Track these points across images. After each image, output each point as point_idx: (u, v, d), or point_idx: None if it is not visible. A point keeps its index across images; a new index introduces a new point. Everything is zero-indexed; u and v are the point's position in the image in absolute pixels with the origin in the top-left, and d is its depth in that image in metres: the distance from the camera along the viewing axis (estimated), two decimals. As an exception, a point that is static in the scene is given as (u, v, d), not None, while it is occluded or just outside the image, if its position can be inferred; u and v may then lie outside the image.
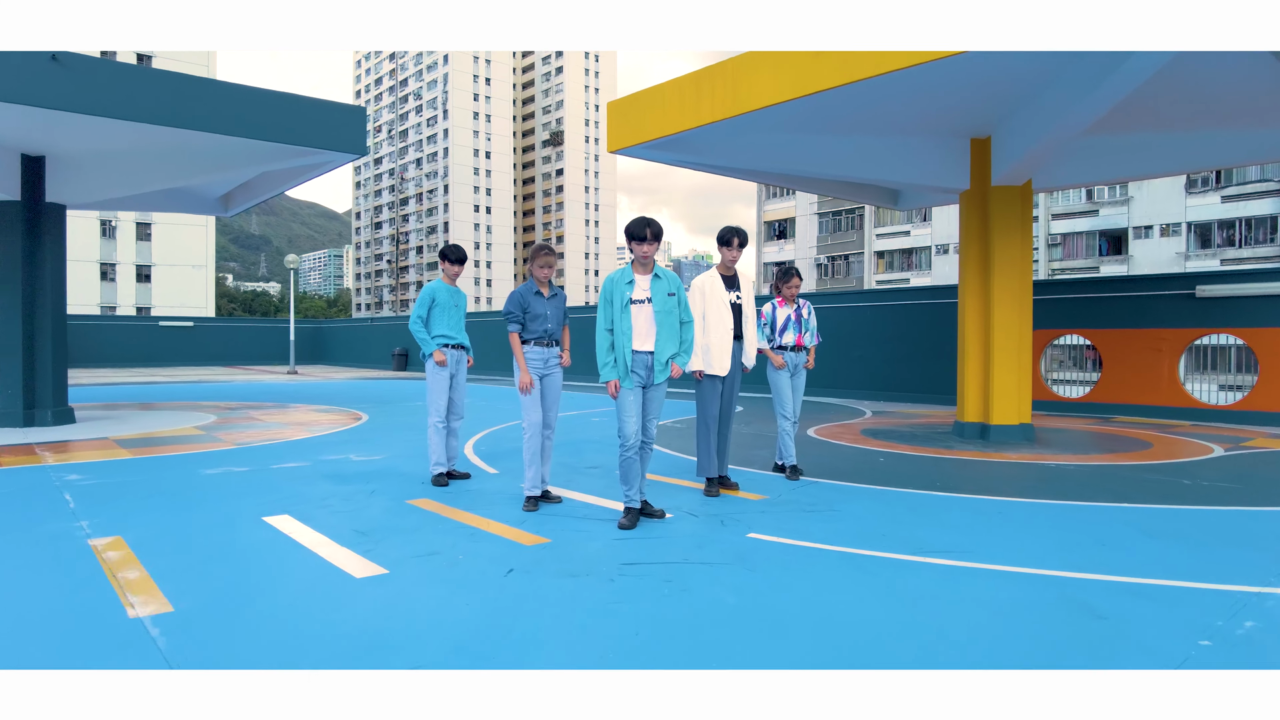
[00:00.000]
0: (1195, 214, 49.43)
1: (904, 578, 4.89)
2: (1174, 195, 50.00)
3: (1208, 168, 13.70)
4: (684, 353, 6.41)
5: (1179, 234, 49.99)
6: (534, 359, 6.93)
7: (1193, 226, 49.77)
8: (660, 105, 11.51)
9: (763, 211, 72.03)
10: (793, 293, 8.50)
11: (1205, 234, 49.56)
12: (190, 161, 13.00)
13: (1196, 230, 49.80)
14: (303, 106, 12.36)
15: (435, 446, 8.06)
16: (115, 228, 62.39)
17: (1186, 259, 49.23)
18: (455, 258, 8.28)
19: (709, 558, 5.32)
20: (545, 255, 7.01)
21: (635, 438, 6.19)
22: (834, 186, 15.43)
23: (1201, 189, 49.13)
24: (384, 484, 8.03)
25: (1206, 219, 49.15)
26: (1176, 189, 49.89)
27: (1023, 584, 4.77)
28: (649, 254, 6.20)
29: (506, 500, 7.21)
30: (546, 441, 7.08)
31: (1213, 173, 48.29)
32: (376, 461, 9.47)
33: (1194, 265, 48.49)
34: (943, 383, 17.82)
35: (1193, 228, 49.80)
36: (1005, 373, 11.74)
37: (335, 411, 15.95)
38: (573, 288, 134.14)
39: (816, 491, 7.63)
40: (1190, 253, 49.45)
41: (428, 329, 8.15)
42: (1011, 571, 5.01)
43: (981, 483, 8.25)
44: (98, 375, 31.47)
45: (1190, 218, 49.59)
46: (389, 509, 6.84)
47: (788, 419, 8.43)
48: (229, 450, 10.44)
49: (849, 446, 10.85)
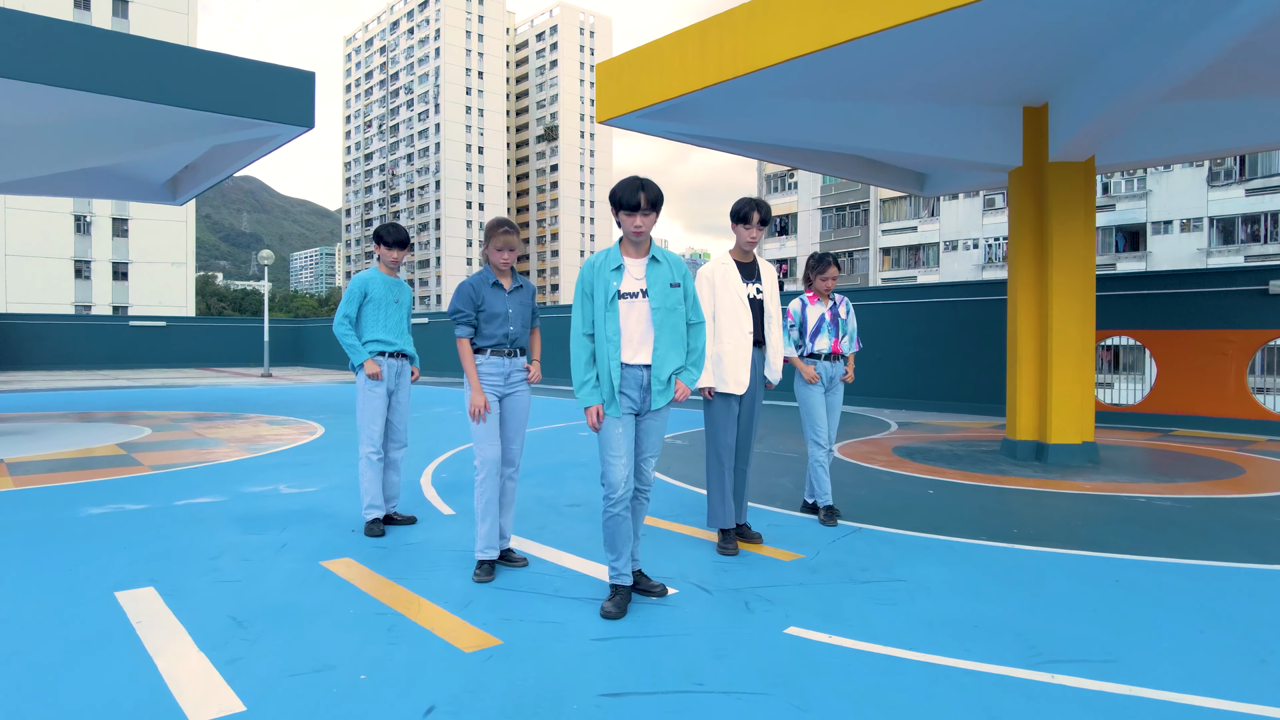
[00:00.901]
0: (1218, 208, 47.59)
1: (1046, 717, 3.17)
2: (1195, 188, 48.20)
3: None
4: (693, 366, 4.64)
5: (1200, 229, 48.20)
6: (491, 374, 5.19)
7: (1215, 221, 47.96)
8: (658, 64, 9.76)
9: (763, 207, 70.21)
10: (828, 286, 6.72)
11: (1228, 229, 47.74)
12: (108, 135, 11.23)
13: (1219, 225, 47.98)
14: (239, 70, 10.61)
15: (368, 484, 6.30)
16: (90, 223, 60.45)
17: (1208, 255, 47.44)
18: (393, 239, 6.48)
19: (734, 680, 3.58)
20: (504, 234, 5.23)
21: (624, 487, 4.43)
22: (855, 166, 13.67)
23: (1224, 181, 47.32)
24: (303, 532, 6.27)
25: (1230, 213, 47.31)
26: (1198, 181, 48.09)
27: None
28: (644, 229, 4.44)
29: (456, 560, 5.46)
30: (508, 483, 5.35)
31: (1236, 164, 46.58)
32: (307, 496, 7.72)
33: (1216, 261, 46.67)
34: (974, 390, 16.12)
35: (1215, 222, 47.98)
36: (1065, 383, 10.01)
37: (290, 424, 14.19)
38: (567, 289, 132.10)
39: (865, 545, 5.89)
40: (1212, 248, 47.65)
41: (358, 332, 6.39)
42: (1192, 705, 3.29)
43: (1067, 527, 6.51)
44: (56, 379, 29.74)
45: (1212, 212, 47.76)
46: (293, 577, 5.10)
47: (821, 446, 6.68)
48: (138, 478, 8.70)
49: (885, 472, 9.12)
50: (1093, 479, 8.77)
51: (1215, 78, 9.48)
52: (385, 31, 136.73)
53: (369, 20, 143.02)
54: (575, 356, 4.48)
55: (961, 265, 57.60)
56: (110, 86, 9.62)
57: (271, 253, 34.35)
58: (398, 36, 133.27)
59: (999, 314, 15.33)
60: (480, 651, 3.88)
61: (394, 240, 6.45)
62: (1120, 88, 8.59)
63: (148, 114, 10.58)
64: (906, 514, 6.92)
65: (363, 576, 5.10)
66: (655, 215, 4.45)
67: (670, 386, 4.52)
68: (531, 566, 5.31)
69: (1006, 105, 10.38)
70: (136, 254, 62.03)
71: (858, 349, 7.02)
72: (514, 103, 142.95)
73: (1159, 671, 3.65)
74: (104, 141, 11.31)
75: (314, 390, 23.86)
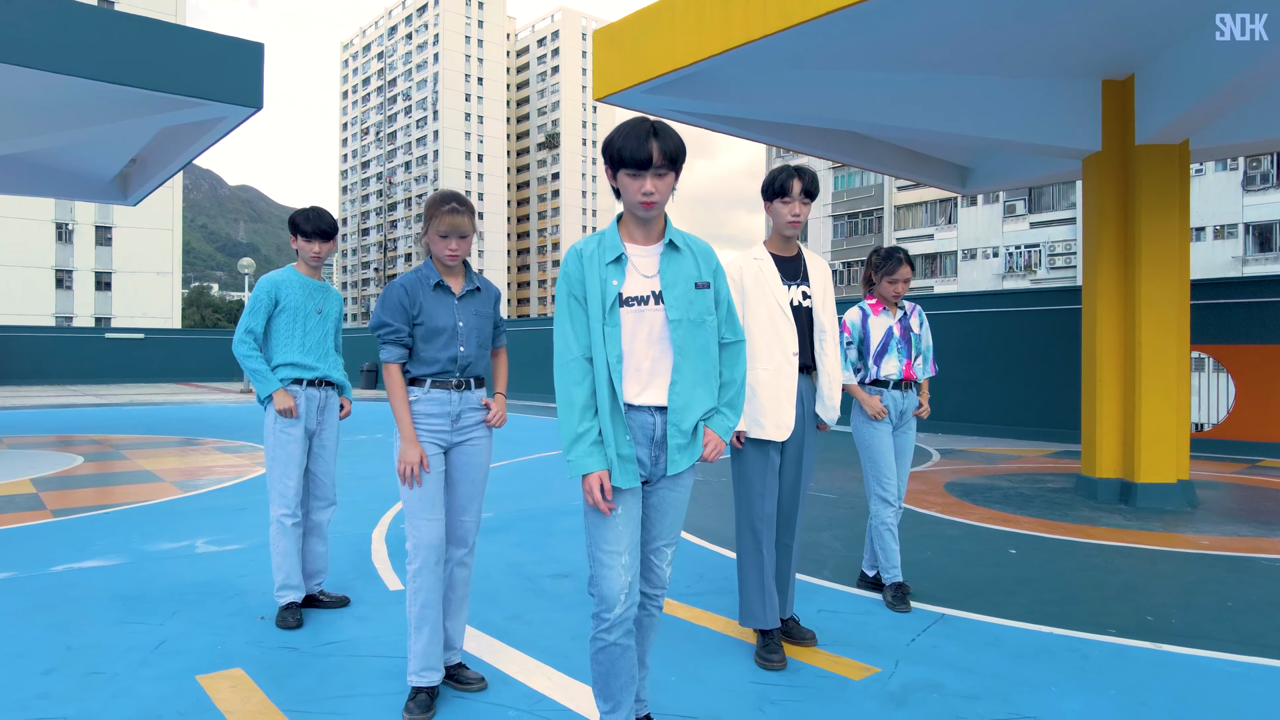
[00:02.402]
0: (1253, 214, 45.90)
1: None
2: (1230, 193, 46.53)
3: None
4: (727, 408, 3.05)
5: (1235, 236, 46.56)
6: (433, 414, 3.64)
7: (1251, 227, 46.31)
8: (670, 25, 8.24)
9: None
10: (898, 292, 5.13)
11: (1265, 235, 46.05)
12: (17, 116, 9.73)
13: (1255, 231, 46.34)
14: (171, 38, 9.11)
15: (281, 559, 4.72)
16: (73, 231, 59.03)
17: (1244, 263, 45.81)
18: (312, 228, 4.83)
19: None
20: (449, 212, 3.61)
21: (625, 603, 2.86)
22: (893, 157, 12.15)
23: (1260, 186, 45.68)
24: (195, 621, 4.71)
25: (1266, 219, 45.64)
26: (1233, 185, 46.43)
27: None
28: (656, 198, 2.86)
29: (391, 675, 3.91)
30: (459, 571, 3.78)
31: (1274, 166, 44.96)
32: (223, 558, 6.17)
33: (1252, 270, 45.05)
34: (1025, 413, 14.58)
35: (1251, 229, 46.34)
36: (1158, 410, 8.45)
37: (245, 452, 12.63)
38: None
39: (959, 647, 4.31)
40: (1248, 256, 46.01)
41: (265, 353, 4.84)
42: None
43: (1214, 612, 4.93)
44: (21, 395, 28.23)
45: (1248, 218, 46.12)
46: (150, 709, 3.55)
47: (889, 504, 5.09)
48: (25, 529, 7.15)
49: (945, 521, 7.57)
50: (1203, 530, 7.23)
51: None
52: (383, 37, 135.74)
53: (367, 26, 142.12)
54: (564, 396, 2.87)
55: (981, 274, 56.06)
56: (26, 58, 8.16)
57: (252, 261, 32.92)
58: (396, 42, 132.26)
59: (1052, 326, 13.82)
60: None
61: (313, 229, 4.81)
62: (1230, 59, 7.08)
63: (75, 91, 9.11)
64: (994, 590, 5.36)
65: (248, 709, 3.54)
66: (675, 176, 2.88)
67: (696, 440, 2.95)
68: (491, 691, 3.74)
69: (1084, 78, 8.86)
70: (120, 263, 60.53)
71: (933, 373, 5.44)
72: (514, 110, 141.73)
73: None
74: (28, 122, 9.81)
75: (291, 409, 22.30)
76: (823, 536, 6.90)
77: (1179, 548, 6.61)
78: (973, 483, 9.70)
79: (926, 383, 5.37)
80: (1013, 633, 4.54)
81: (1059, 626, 4.64)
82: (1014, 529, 7.23)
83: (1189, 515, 7.92)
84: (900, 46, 8.12)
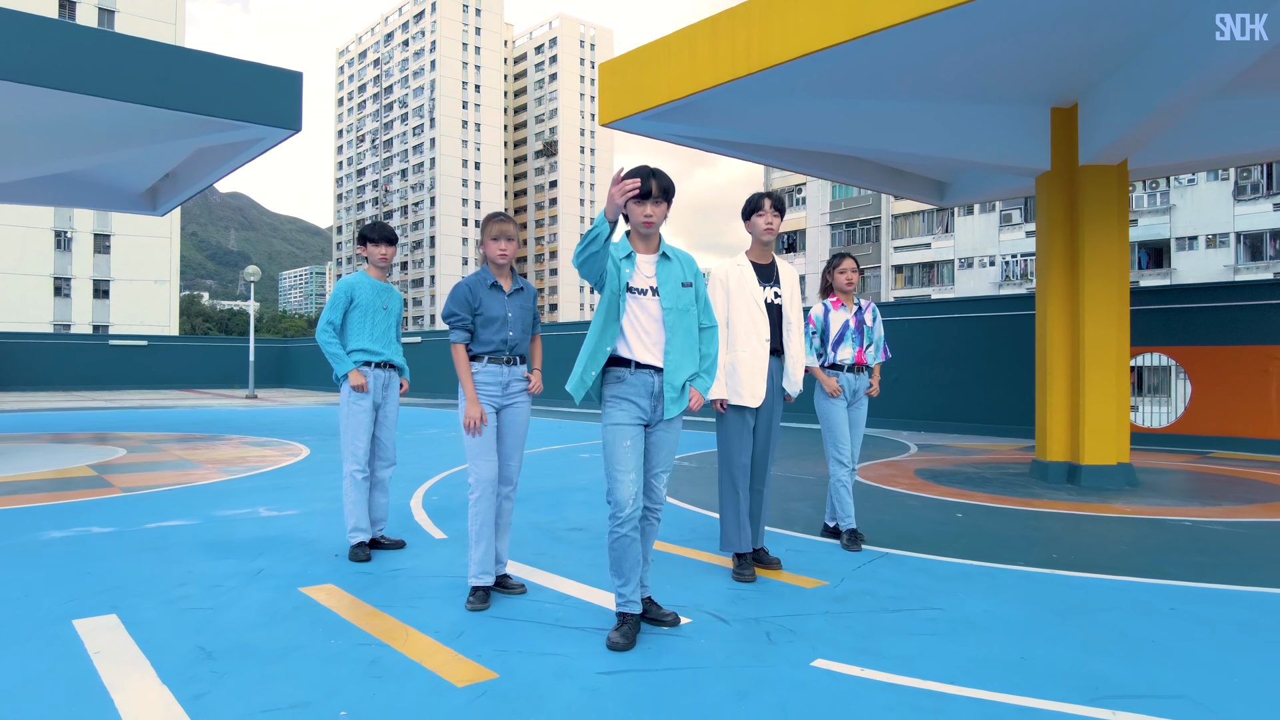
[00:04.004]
0: (1245, 223, 47.35)
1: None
2: (1221, 203, 47.97)
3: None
4: (705, 374, 4.39)
5: (1226, 245, 47.95)
6: (488, 383, 4.91)
7: (1242, 237, 47.73)
8: (666, 61, 9.53)
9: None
10: (849, 282, 6.45)
11: (1256, 244, 47.49)
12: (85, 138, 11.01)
13: (1246, 240, 47.76)
14: (224, 70, 10.40)
15: (352, 506, 6.01)
16: (71, 239, 60.32)
17: (1235, 271, 47.18)
18: (379, 235, 6.19)
19: (759, 717, 3.29)
20: (498, 222, 4.95)
21: (633, 505, 4.15)
22: (874, 173, 13.44)
23: (1251, 196, 47.11)
24: (280, 558, 5.98)
25: (1257, 228, 47.10)
26: (1224, 195, 47.88)
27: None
28: (654, 220, 4.22)
29: (448, 588, 5.17)
30: (504, 504, 5.06)
31: (1264, 176, 46.36)
32: (286, 520, 7.43)
33: (1244, 279, 46.39)
34: (999, 412, 15.83)
35: (1242, 238, 47.76)
36: (1100, 400, 9.72)
37: (273, 445, 13.90)
38: (566, 307, 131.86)
39: (895, 572, 5.59)
40: (1240, 265, 47.40)
41: (342, 340, 6.11)
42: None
43: (1113, 552, 6.23)
44: (32, 400, 29.46)
45: (1239, 227, 47.54)
46: (268, 606, 4.80)
47: (844, 465, 6.38)
48: (106, 500, 8.41)
49: (909, 495, 8.83)
50: (1133, 502, 8.48)
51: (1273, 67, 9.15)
52: (379, 44, 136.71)
53: (363, 32, 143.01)
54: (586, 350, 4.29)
55: (978, 283, 57.35)
56: (89, 85, 9.40)
57: (258, 269, 34.17)
58: (392, 49, 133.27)
59: (1024, 330, 15.06)
60: (474, 686, 3.59)
61: (380, 236, 6.17)
62: (1160, 85, 8.35)
63: (127, 115, 10.36)
64: (936, 539, 6.63)
65: (345, 605, 4.81)
66: (667, 205, 4.23)
67: (684, 395, 4.28)
68: (530, 594, 5.02)
69: (1035, 105, 10.15)
70: (118, 271, 61.85)
71: (885, 358, 6.74)
72: (512, 117, 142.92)
73: (1235, 710, 3.35)
74: (81, 144, 11.08)
75: (300, 412, 23.60)
76: (798, 505, 8.16)
77: (1105, 513, 7.87)
78: (941, 469, 10.95)
79: (878, 367, 6.68)
80: (941, 565, 5.80)
81: (979, 560, 5.92)
82: (967, 501, 8.48)
83: (1127, 492, 9.15)
84: (872, 79, 9.37)
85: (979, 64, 9.03)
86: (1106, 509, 8.10)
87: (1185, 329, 13.79)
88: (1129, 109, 8.94)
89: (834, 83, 9.40)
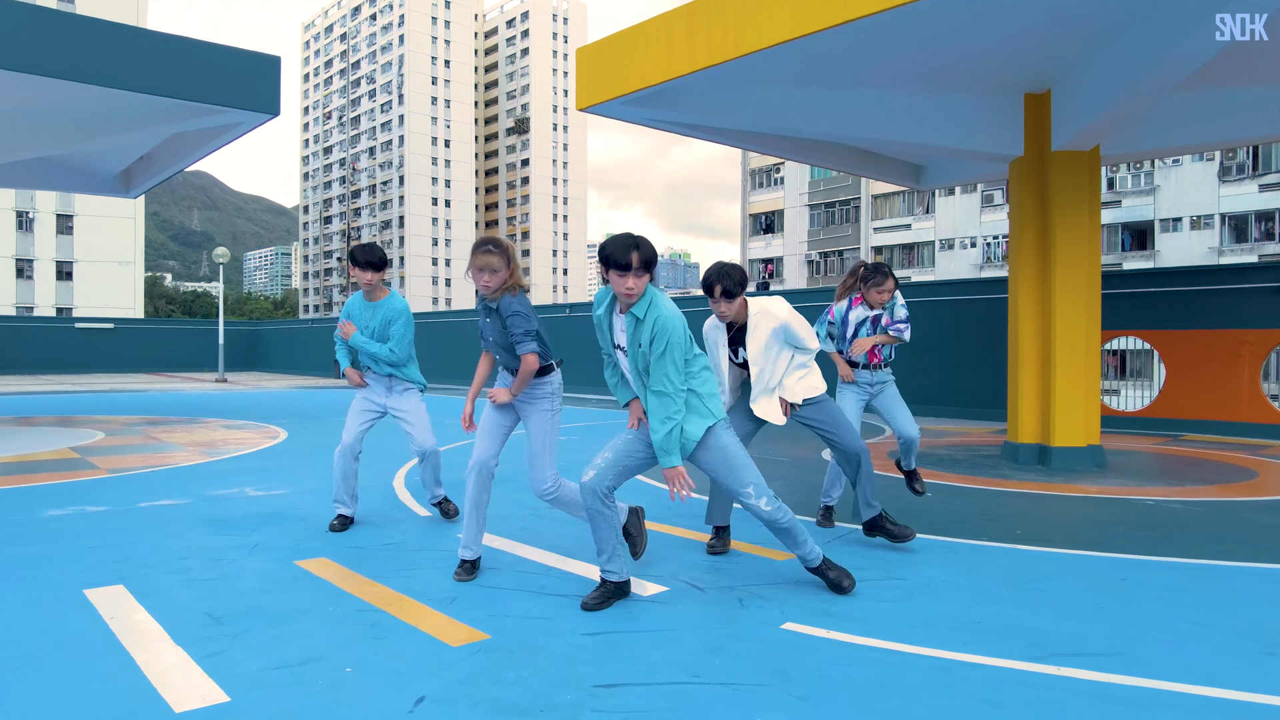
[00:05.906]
0: (1229, 204, 48.20)
1: (1055, 714, 3.32)
2: (1206, 184, 48.82)
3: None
4: (661, 450, 4.50)
5: (1211, 226, 48.81)
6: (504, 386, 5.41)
7: (1227, 218, 48.58)
8: (643, 48, 9.93)
9: (748, 203, 70.60)
10: (883, 299, 6.73)
11: (1241, 226, 48.38)
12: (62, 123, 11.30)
13: (1231, 222, 48.61)
14: (200, 53, 10.71)
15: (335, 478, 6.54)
16: (33, 220, 60.25)
17: (1220, 254, 48.04)
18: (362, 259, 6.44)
19: (730, 672, 3.72)
20: (481, 255, 5.10)
21: (591, 479, 4.61)
22: (850, 157, 13.89)
23: (1236, 177, 47.96)
24: (275, 533, 6.39)
25: (1242, 210, 47.95)
26: (1209, 176, 48.72)
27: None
28: (635, 292, 4.40)
29: (437, 560, 5.59)
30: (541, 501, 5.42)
31: (1249, 158, 47.18)
32: (275, 499, 7.83)
33: (1228, 260, 47.26)
34: (973, 395, 16.35)
35: (1227, 219, 48.61)
36: (1070, 384, 10.22)
37: (250, 428, 14.27)
38: (539, 289, 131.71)
39: (860, 546, 6.07)
40: (1224, 247, 48.26)
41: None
42: (1198, 695, 3.45)
43: (1072, 529, 6.73)
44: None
45: (1224, 209, 48.39)
46: (269, 576, 5.21)
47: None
48: (96, 481, 8.78)
49: (881, 475, 9.29)
50: (1099, 482, 8.97)
51: (1231, 63, 9.65)
52: (346, 18, 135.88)
53: (329, 6, 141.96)
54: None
55: (959, 265, 57.99)
56: (66, 71, 9.71)
57: (226, 251, 34.39)
58: (359, 23, 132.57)
59: (998, 314, 15.54)
60: (468, 645, 4.01)
61: (363, 260, 6.41)
62: (1128, 75, 8.82)
63: (105, 100, 10.66)
64: (903, 517, 7.05)
65: (341, 576, 5.22)
66: (648, 276, 4.42)
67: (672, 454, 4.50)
68: (517, 566, 5.44)
69: (1008, 93, 10.59)
70: (82, 252, 61.82)
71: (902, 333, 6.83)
72: (482, 93, 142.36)
73: (1163, 664, 3.81)
74: (58, 130, 11.37)
75: (273, 395, 23.91)
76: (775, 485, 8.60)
77: (1070, 492, 8.37)
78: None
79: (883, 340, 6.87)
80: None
81: (941, 535, 6.39)
82: (938, 481, 8.95)
83: (1095, 473, 9.65)
84: (846, 67, 9.79)
85: (951, 53, 9.45)
86: (1072, 489, 8.59)
87: (1159, 313, 14.31)
88: (1100, 96, 9.39)
89: (806, 71, 9.81)
